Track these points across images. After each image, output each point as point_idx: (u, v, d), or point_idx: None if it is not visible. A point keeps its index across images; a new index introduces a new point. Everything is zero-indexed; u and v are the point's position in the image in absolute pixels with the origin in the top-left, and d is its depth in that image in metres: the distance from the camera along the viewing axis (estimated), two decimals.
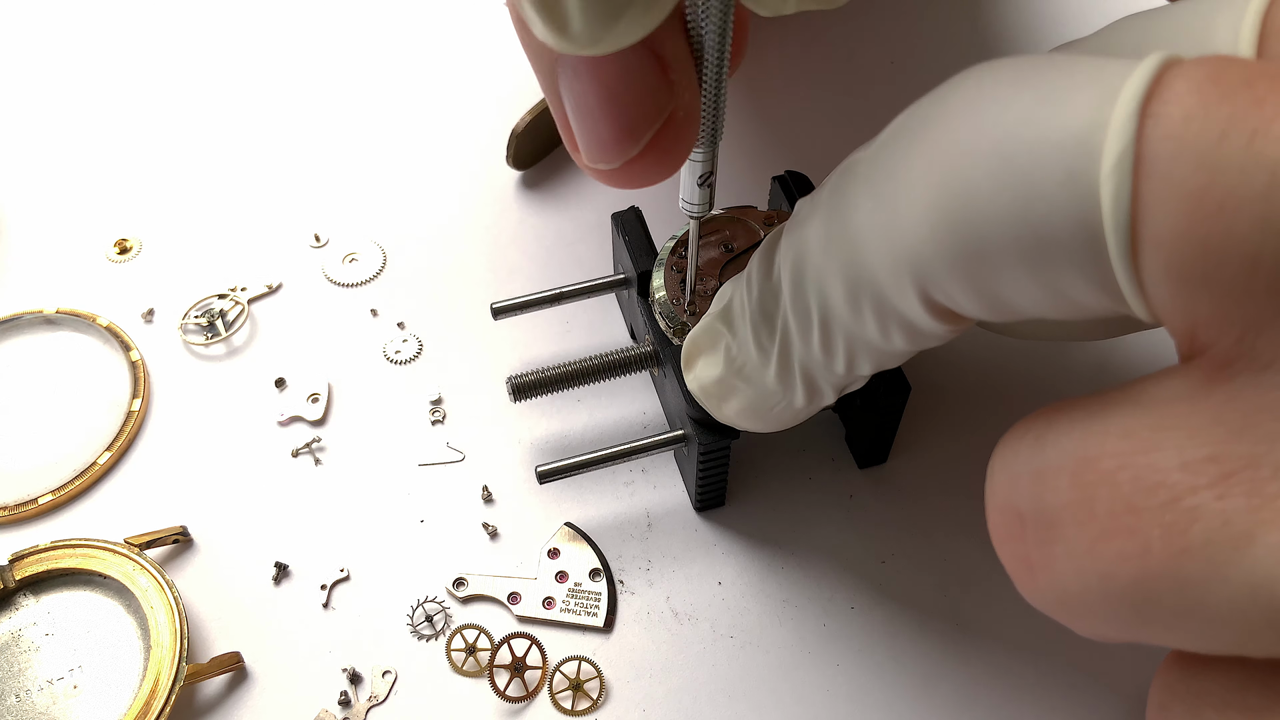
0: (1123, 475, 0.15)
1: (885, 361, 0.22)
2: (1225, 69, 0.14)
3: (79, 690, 0.29)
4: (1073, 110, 0.15)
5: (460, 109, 0.43)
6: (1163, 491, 0.15)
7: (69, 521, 0.33)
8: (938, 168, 0.17)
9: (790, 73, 0.44)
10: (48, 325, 0.37)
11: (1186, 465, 0.15)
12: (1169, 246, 0.14)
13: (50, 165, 0.42)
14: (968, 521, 0.33)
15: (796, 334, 0.22)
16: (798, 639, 0.31)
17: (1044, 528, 0.17)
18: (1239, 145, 0.14)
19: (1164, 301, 0.15)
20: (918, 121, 0.18)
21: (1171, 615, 0.15)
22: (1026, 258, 0.16)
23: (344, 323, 0.38)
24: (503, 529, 0.33)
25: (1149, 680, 0.29)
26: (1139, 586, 0.15)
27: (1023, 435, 0.18)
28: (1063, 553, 0.16)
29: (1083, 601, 0.16)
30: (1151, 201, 0.14)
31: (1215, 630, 0.15)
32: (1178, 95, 0.14)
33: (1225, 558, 0.14)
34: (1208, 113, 0.14)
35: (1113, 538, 0.15)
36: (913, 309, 0.19)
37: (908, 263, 0.18)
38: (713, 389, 0.27)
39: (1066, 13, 0.46)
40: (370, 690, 0.30)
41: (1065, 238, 0.15)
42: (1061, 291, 0.16)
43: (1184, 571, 0.15)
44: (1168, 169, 0.14)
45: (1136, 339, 0.36)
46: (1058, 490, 0.16)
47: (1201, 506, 0.14)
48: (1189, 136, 0.14)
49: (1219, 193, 0.14)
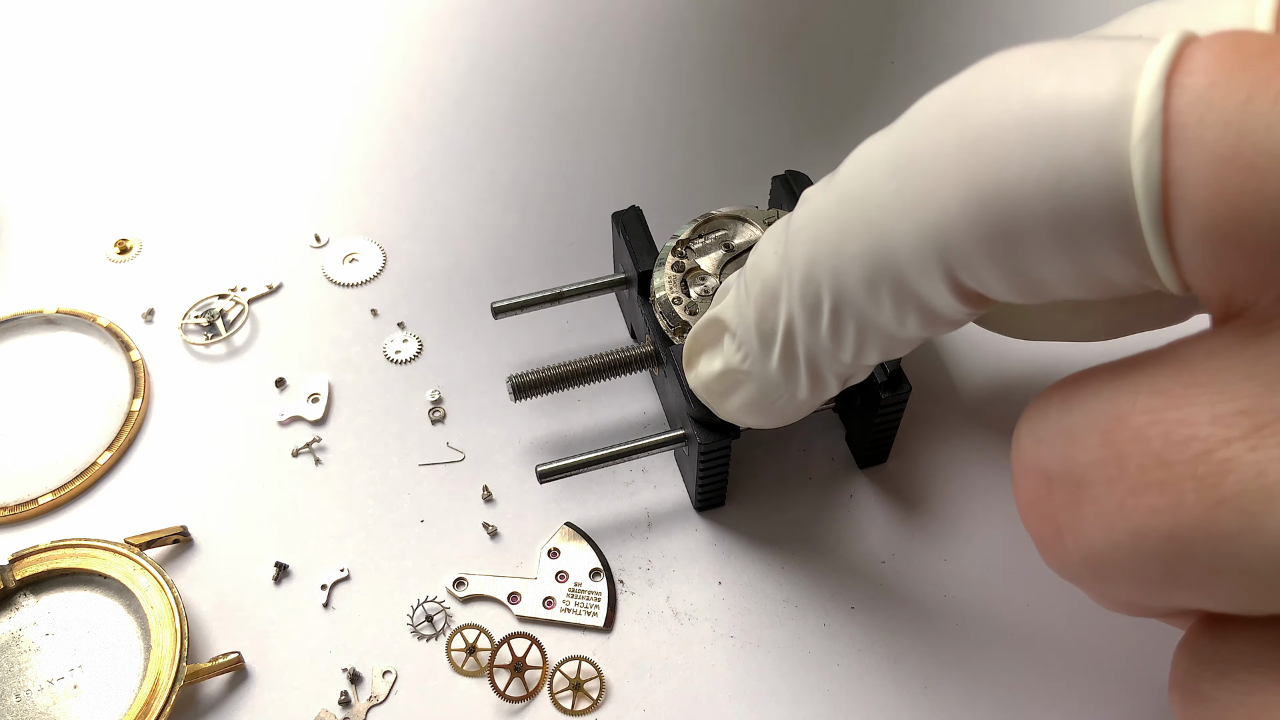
0: (1154, 430, 0.15)
1: (894, 349, 0.22)
2: (1244, 40, 0.15)
3: (79, 690, 0.29)
4: (1100, 85, 0.15)
5: (460, 109, 0.43)
6: (1195, 445, 0.15)
7: (69, 521, 0.33)
8: (968, 147, 0.17)
9: (791, 72, 0.44)
10: (48, 325, 0.37)
11: (1219, 418, 0.15)
12: (1201, 209, 0.15)
13: (50, 165, 0.42)
14: (968, 521, 0.33)
15: (804, 321, 0.22)
16: (798, 639, 0.31)
17: (1073, 488, 0.17)
18: (1265, 106, 0.14)
19: (1198, 267, 0.15)
20: (944, 104, 0.18)
21: (1204, 571, 0.15)
22: (1058, 232, 0.16)
23: (344, 323, 0.38)
24: (503, 529, 0.33)
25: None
26: (1171, 541, 0.15)
27: (1050, 399, 0.18)
28: (1092, 512, 0.16)
29: (1112, 562, 0.16)
30: (1182, 166, 0.15)
31: (1249, 585, 0.15)
32: (1201, 65, 0.15)
33: (1260, 508, 0.14)
34: (1231, 79, 0.14)
35: (1144, 493, 0.15)
36: (936, 292, 0.19)
37: (935, 243, 0.18)
38: (715, 384, 0.27)
39: (1067, 12, 0.46)
40: (370, 690, 0.30)
41: (1097, 209, 0.16)
42: (1091, 266, 0.16)
43: (1218, 524, 0.15)
44: (1196, 134, 0.14)
45: (1137, 340, 0.36)
46: (1087, 449, 0.16)
47: (1235, 458, 0.14)
48: (1215, 101, 0.14)
49: (1248, 152, 0.14)
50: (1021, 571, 0.32)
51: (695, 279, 0.31)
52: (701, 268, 0.31)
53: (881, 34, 0.45)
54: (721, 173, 0.41)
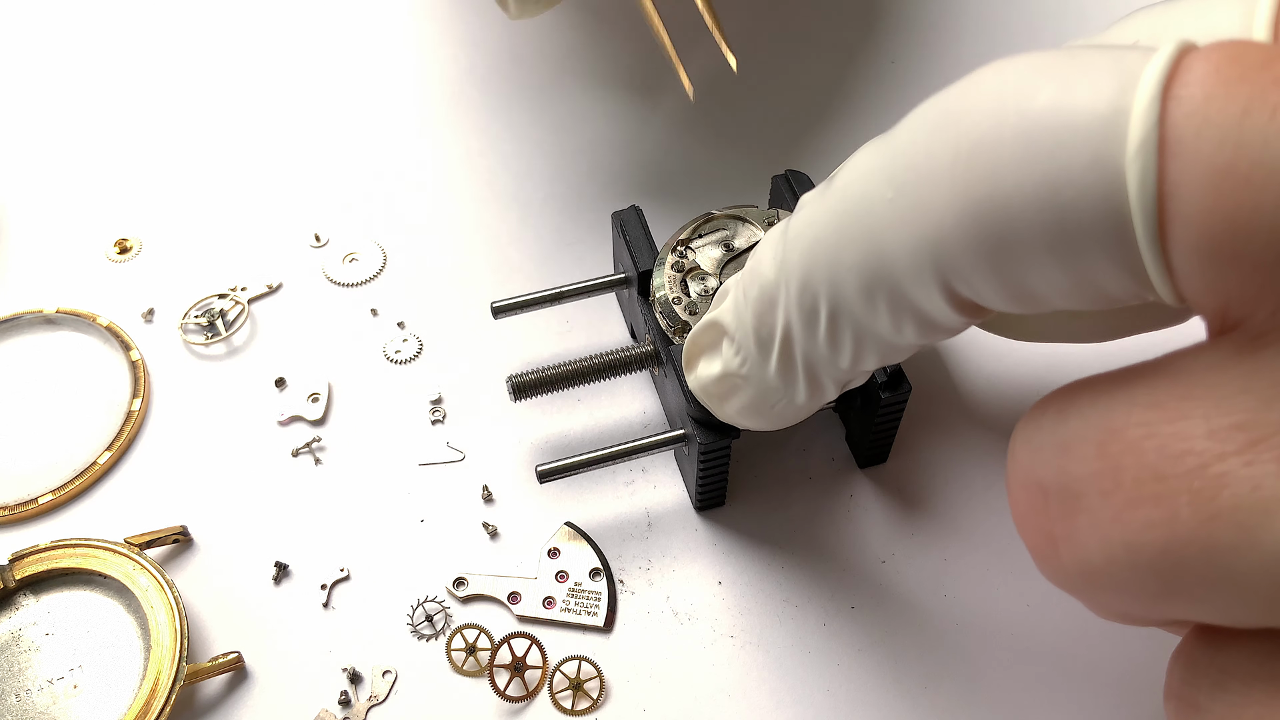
0: (1149, 444, 0.15)
1: (891, 355, 0.22)
2: (1243, 52, 0.15)
3: (79, 690, 0.29)
4: (1096, 97, 0.15)
5: (460, 108, 0.43)
6: (1190, 459, 0.15)
7: (69, 521, 0.33)
8: (963, 158, 0.17)
9: (790, 73, 0.44)
10: (48, 325, 0.37)
11: (1214, 433, 0.15)
12: (1197, 223, 0.14)
13: (50, 165, 0.42)
14: (967, 521, 0.33)
15: (801, 328, 0.22)
16: (798, 639, 0.31)
17: (1068, 499, 0.17)
18: (1262, 120, 0.14)
19: (1193, 281, 0.15)
20: (940, 113, 0.18)
21: (1199, 584, 0.15)
22: (1054, 244, 0.16)
23: (344, 323, 0.38)
24: (503, 529, 0.33)
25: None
26: (1166, 555, 0.15)
27: (1045, 409, 0.18)
28: (1087, 524, 0.16)
29: (1107, 574, 0.16)
30: (1178, 180, 0.15)
31: (1244, 598, 0.15)
32: (1198, 77, 0.15)
33: (1255, 522, 0.14)
34: (1229, 91, 0.14)
35: (1139, 506, 0.15)
36: (932, 301, 0.19)
37: (931, 253, 0.18)
38: (714, 387, 0.27)
39: (1067, 12, 0.46)
40: (370, 690, 0.30)
41: (1092, 222, 0.16)
42: (1087, 278, 0.16)
43: (1213, 538, 0.15)
44: (1192, 147, 0.14)
45: (1137, 341, 0.36)
46: (1083, 461, 0.16)
47: (1230, 473, 0.14)
48: (1212, 115, 0.14)
49: (1244, 167, 0.14)
50: (1021, 572, 0.32)
51: (695, 279, 0.31)
52: (701, 268, 0.31)
53: (881, 34, 0.45)
54: (721, 173, 0.41)
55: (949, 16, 0.46)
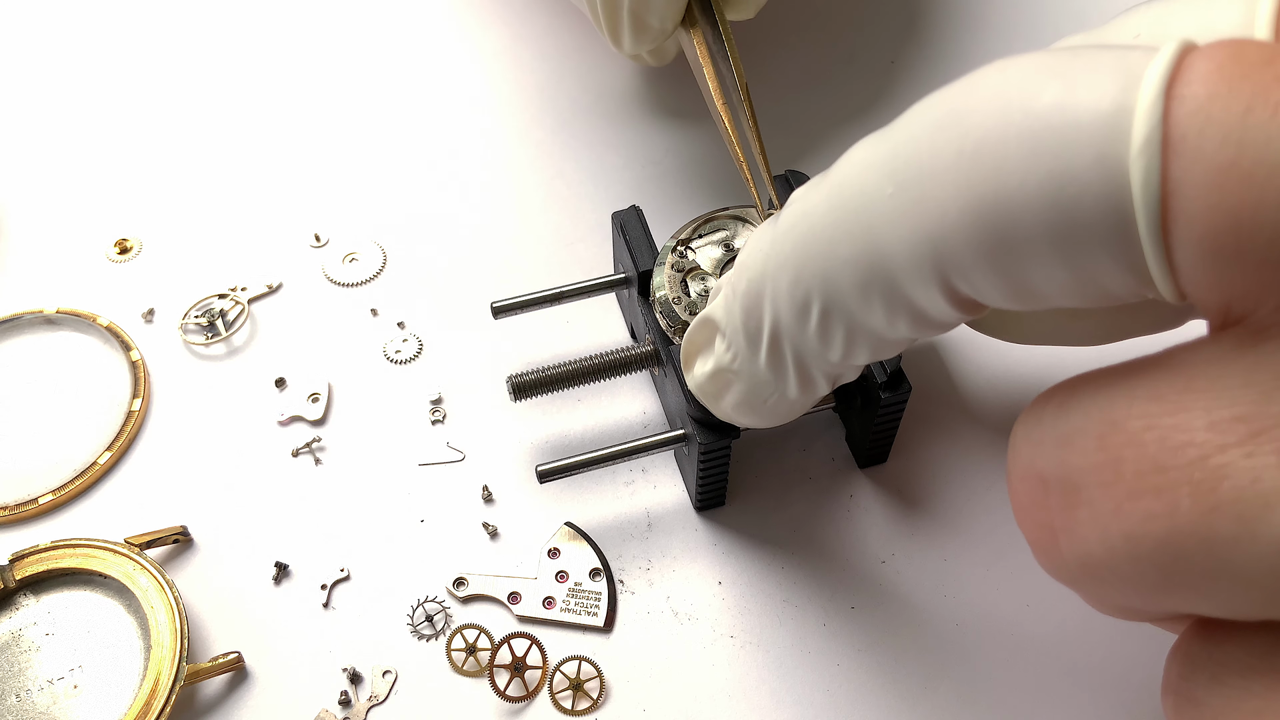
0: (1149, 436, 0.15)
1: (883, 350, 0.22)
2: (1244, 50, 0.15)
3: (79, 690, 0.29)
4: (1100, 96, 0.15)
5: (460, 108, 0.43)
6: (1191, 450, 0.15)
7: (69, 521, 0.33)
8: (968, 155, 0.17)
9: (790, 73, 0.44)
10: (48, 325, 0.37)
11: (1214, 425, 0.15)
12: (1200, 221, 0.15)
13: (50, 165, 0.42)
14: (967, 521, 0.33)
15: (792, 320, 0.22)
16: (798, 639, 0.31)
17: (1068, 492, 0.17)
18: (1264, 118, 0.14)
19: (1195, 278, 0.15)
20: (944, 111, 0.18)
21: (1199, 576, 0.15)
22: (1056, 242, 0.16)
23: (344, 323, 0.38)
24: (503, 529, 0.33)
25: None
26: (1166, 546, 0.15)
27: (1046, 402, 0.18)
28: (1087, 516, 0.16)
29: (1107, 566, 0.16)
30: (1181, 178, 0.15)
31: (1243, 590, 0.15)
32: (1201, 76, 0.15)
33: (1255, 515, 0.14)
34: (1231, 90, 0.14)
35: (1140, 498, 0.15)
36: (930, 297, 0.19)
37: (931, 250, 0.18)
38: (708, 385, 0.27)
39: (1067, 12, 0.46)
40: (370, 690, 0.30)
41: (1095, 220, 0.16)
42: (1088, 275, 0.17)
43: (1213, 529, 0.15)
44: (1195, 145, 0.14)
45: (1134, 344, 0.36)
46: (1083, 453, 0.17)
47: (1230, 465, 0.14)
48: (1214, 113, 0.14)
49: (1247, 164, 0.14)
50: (1021, 571, 0.32)
51: (695, 279, 0.31)
52: (701, 268, 0.31)
53: (881, 34, 0.45)
54: (721, 173, 0.41)
55: (949, 16, 0.46)
